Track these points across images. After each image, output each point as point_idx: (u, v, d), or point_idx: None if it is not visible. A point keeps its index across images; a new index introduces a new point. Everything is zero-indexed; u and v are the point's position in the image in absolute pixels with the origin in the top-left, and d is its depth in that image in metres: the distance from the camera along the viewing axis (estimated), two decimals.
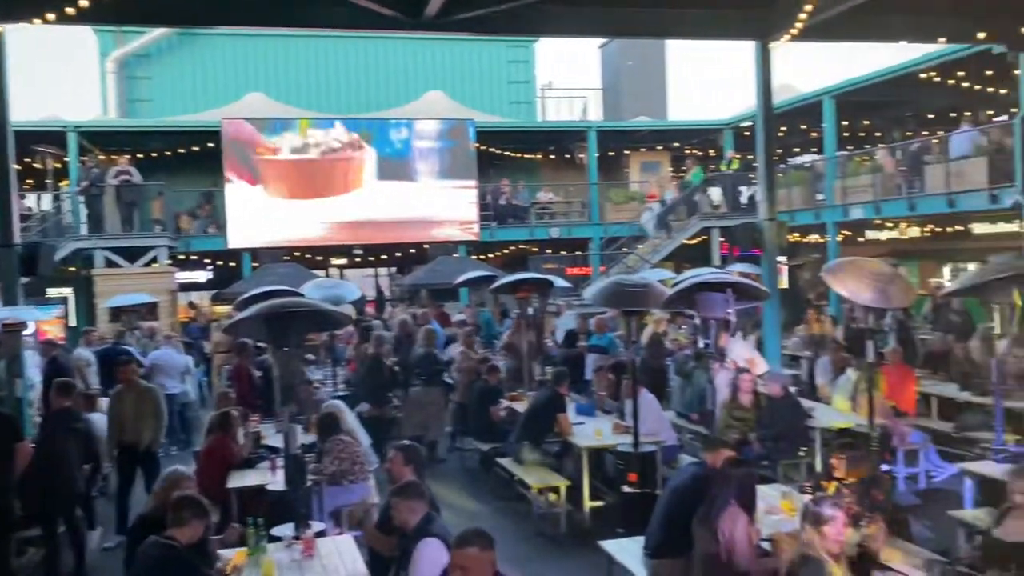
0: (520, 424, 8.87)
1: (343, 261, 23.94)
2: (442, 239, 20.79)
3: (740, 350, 10.59)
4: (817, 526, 4.08)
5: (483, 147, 22.47)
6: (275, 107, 22.40)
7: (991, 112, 18.91)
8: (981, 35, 12.50)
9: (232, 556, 5.36)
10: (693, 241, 21.82)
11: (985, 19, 12.22)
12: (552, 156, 25.75)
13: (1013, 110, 13.53)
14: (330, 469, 7.14)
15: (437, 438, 11.34)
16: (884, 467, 8.34)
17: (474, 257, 21.67)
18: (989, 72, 16.01)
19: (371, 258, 23.94)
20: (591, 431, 8.78)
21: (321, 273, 21.81)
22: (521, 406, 9.84)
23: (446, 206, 20.87)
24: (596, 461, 9.06)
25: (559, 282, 13.24)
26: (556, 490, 8.20)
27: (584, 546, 7.17)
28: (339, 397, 9.95)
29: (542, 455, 8.68)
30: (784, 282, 20.30)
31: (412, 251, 22.09)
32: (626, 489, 7.60)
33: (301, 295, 10.39)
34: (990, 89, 16.92)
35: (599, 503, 8.32)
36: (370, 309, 20.45)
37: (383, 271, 26.67)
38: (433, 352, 11.69)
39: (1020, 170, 13.35)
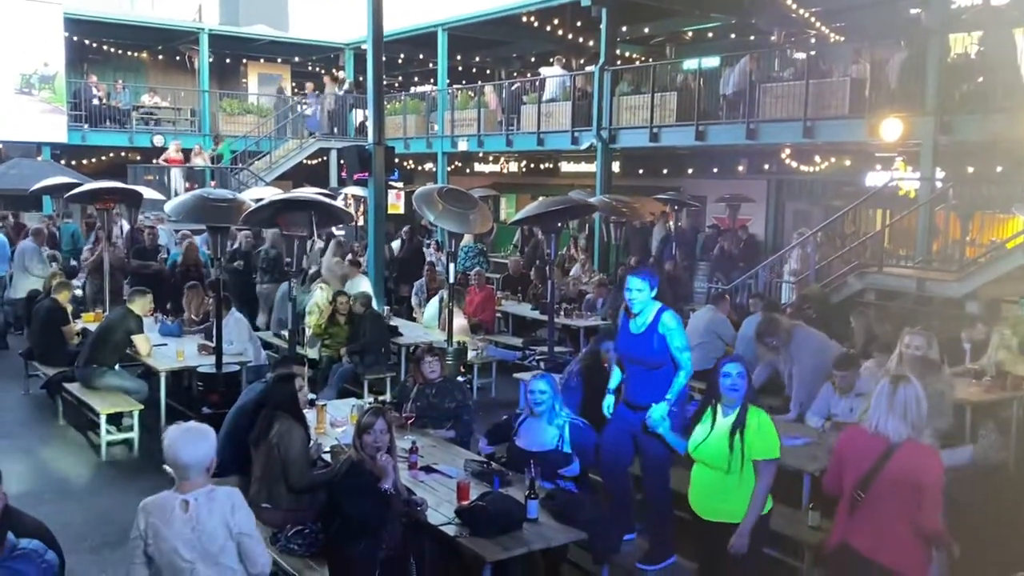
0: (88, 345, 8.14)
1: None
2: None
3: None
4: (359, 433, 4.30)
5: (75, 38, 19.83)
6: None
7: (582, 60, 21.01)
8: None
9: None
10: (313, 161, 21.54)
11: None
12: (161, 57, 23.55)
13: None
14: None
15: None
16: (461, 378, 9.11)
17: (63, 163, 19.22)
18: (579, 23, 17.70)
19: None
20: (174, 352, 8.36)
21: None
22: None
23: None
24: (184, 384, 8.79)
25: (149, 193, 12.23)
26: (130, 415, 7.71)
27: (158, 471, 6.84)
28: None
29: (116, 378, 8.08)
30: (400, 207, 20.94)
31: None
32: (206, 410, 7.41)
33: None
34: (580, 39, 18.72)
35: None
36: None
37: None
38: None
39: (596, 115, 15.04)
